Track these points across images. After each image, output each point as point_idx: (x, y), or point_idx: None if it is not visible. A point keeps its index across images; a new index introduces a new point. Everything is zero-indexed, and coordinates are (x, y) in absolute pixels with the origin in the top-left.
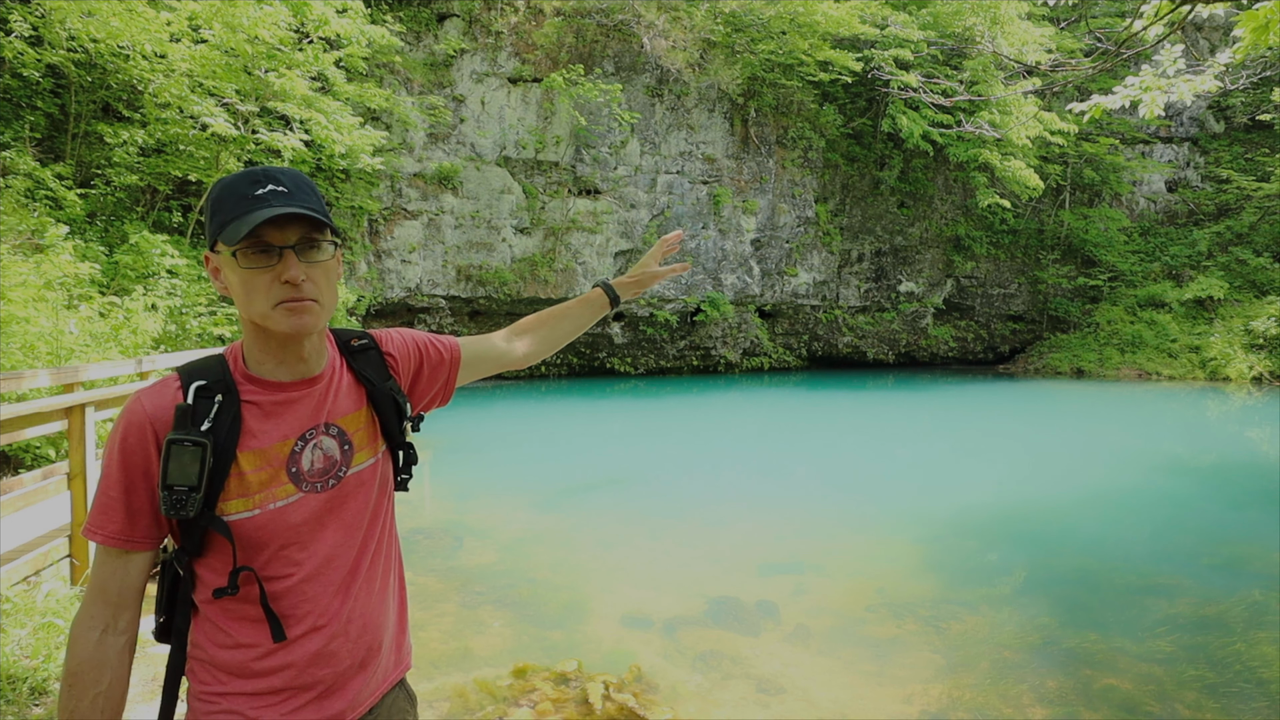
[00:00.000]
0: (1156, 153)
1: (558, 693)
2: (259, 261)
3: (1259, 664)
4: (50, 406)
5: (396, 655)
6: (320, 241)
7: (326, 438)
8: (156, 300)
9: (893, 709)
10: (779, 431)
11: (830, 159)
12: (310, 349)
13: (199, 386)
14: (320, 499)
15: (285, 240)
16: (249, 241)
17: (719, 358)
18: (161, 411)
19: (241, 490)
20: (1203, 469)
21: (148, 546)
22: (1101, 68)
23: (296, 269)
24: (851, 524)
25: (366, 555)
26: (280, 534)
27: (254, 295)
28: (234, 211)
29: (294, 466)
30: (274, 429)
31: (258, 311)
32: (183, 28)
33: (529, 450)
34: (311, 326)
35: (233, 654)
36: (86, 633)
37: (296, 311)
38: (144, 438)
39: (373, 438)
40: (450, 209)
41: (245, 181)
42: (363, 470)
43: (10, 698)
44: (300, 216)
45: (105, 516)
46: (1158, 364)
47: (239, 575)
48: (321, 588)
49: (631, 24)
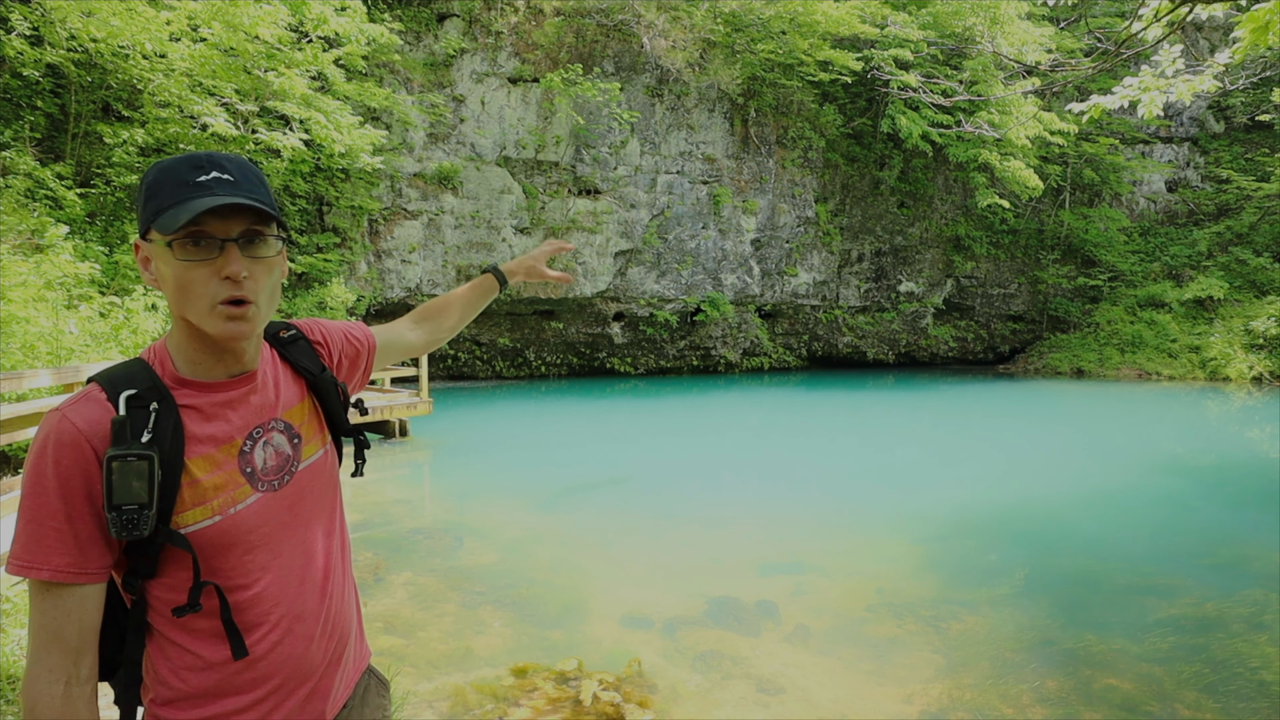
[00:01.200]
0: (1156, 153)
1: (558, 692)
2: (198, 254)
3: (1259, 664)
4: (50, 406)
5: (360, 644)
6: (266, 235)
7: (276, 434)
8: (156, 300)
9: (893, 709)
10: (779, 431)
11: (830, 159)
12: (250, 346)
13: (130, 396)
14: (278, 497)
15: (228, 232)
16: (188, 231)
17: (719, 358)
18: (95, 426)
19: (197, 498)
20: (1203, 469)
21: (103, 577)
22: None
23: (239, 264)
24: (851, 524)
25: (334, 550)
26: (243, 539)
27: (190, 292)
28: (173, 198)
29: (247, 466)
30: (219, 431)
31: (194, 311)
32: (182, 27)
33: (529, 450)
34: (248, 334)
35: (203, 676)
36: (49, 689)
37: (236, 318)
38: (81, 457)
39: (318, 429)
40: (450, 209)
41: (186, 166)
42: (314, 462)
43: (10, 698)
44: (246, 207)
45: (47, 550)
46: (1158, 364)
47: (201, 590)
48: (294, 589)
49: (631, 24)
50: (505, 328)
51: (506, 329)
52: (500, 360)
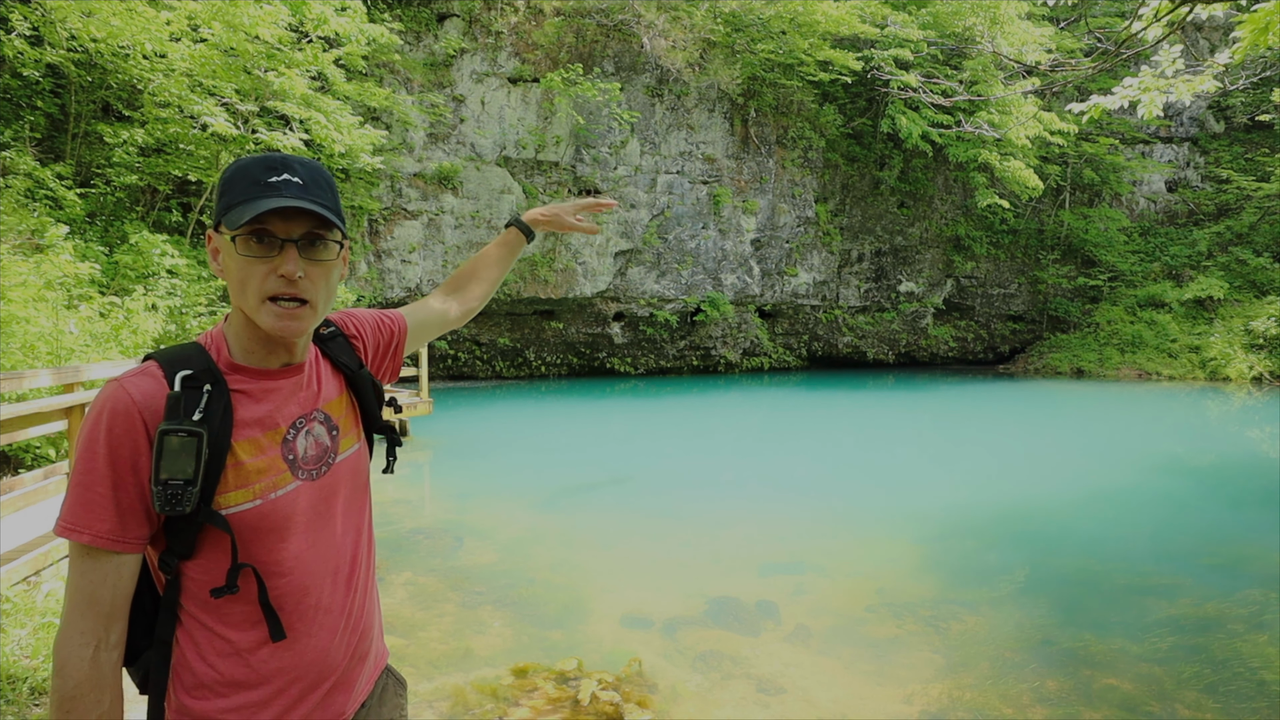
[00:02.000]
0: (1156, 153)
1: (559, 692)
2: (258, 251)
3: (1259, 664)
4: (50, 406)
5: (380, 643)
6: (326, 239)
7: (317, 424)
8: (156, 300)
9: (893, 709)
10: (779, 431)
11: (830, 159)
12: (301, 340)
13: (185, 376)
14: (315, 487)
15: (289, 233)
16: (251, 229)
17: (719, 358)
18: (149, 400)
19: (241, 480)
20: (1203, 469)
21: (139, 548)
22: (1101, 68)
23: (295, 264)
24: (851, 524)
25: (361, 547)
26: (280, 525)
27: (248, 285)
28: (243, 195)
29: (290, 454)
30: (266, 416)
31: (248, 303)
32: (182, 27)
33: (529, 450)
34: (299, 331)
35: (230, 663)
36: (79, 650)
37: (285, 316)
38: (132, 427)
39: (354, 423)
40: (450, 209)
41: (260, 166)
42: (349, 456)
43: (10, 698)
44: (309, 211)
45: (92, 514)
46: (1158, 364)
47: (239, 573)
48: (322, 581)
49: (631, 24)
50: (505, 328)
51: (506, 329)
52: (500, 360)
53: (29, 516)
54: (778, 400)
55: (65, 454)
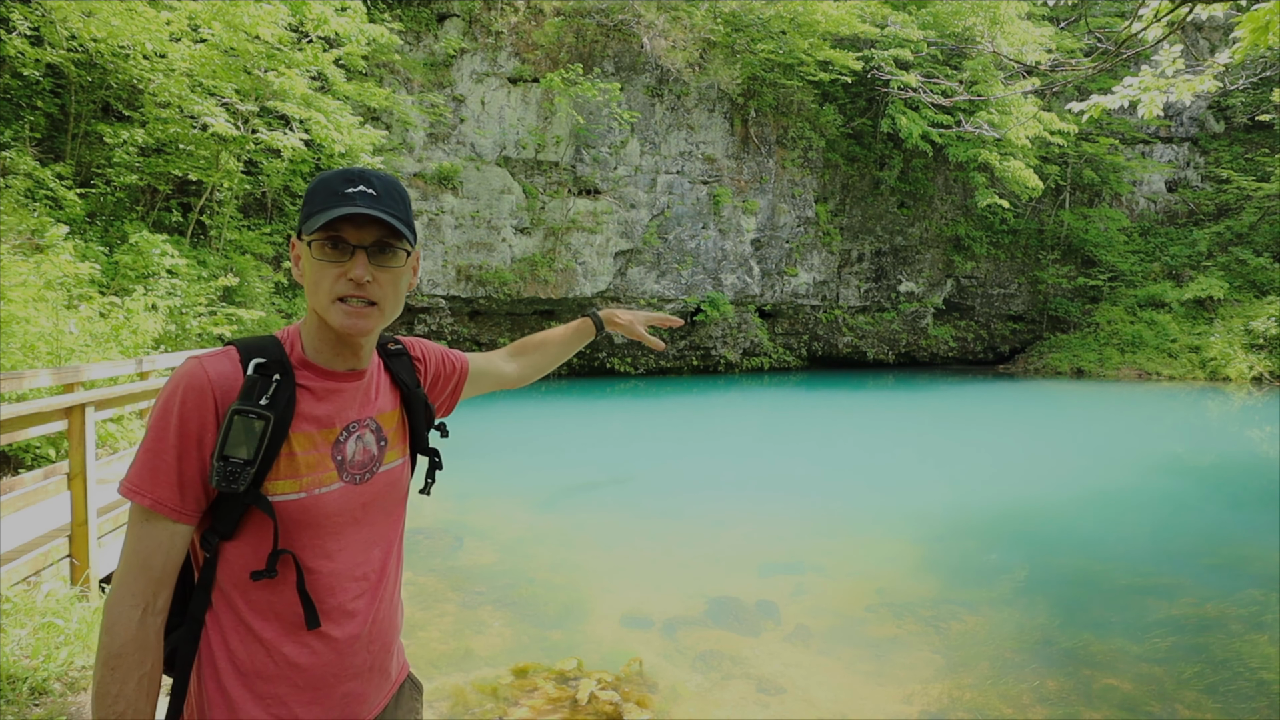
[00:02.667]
0: (1156, 153)
1: (559, 692)
2: (331, 255)
3: (1259, 664)
4: (50, 406)
5: (400, 657)
6: (395, 247)
7: (368, 432)
8: (156, 300)
9: (893, 709)
10: (779, 431)
11: (830, 159)
12: (366, 345)
13: (259, 363)
14: (357, 491)
15: (361, 240)
16: (325, 235)
17: (719, 358)
18: (223, 380)
19: (291, 471)
20: (1203, 469)
21: (193, 521)
22: (1101, 68)
23: (363, 269)
24: (851, 524)
25: (391, 557)
26: (319, 521)
27: (320, 286)
28: (321, 204)
29: (339, 455)
30: (324, 415)
31: (320, 303)
32: (182, 27)
33: (529, 450)
34: (366, 330)
35: (252, 649)
36: (129, 611)
37: (353, 315)
38: (203, 404)
39: (402, 439)
40: (450, 209)
41: (340, 179)
42: (392, 469)
43: (10, 698)
44: (379, 220)
45: (156, 481)
46: (1158, 364)
47: (279, 558)
48: (350, 585)
49: (631, 24)
50: (505, 328)
51: (506, 329)
52: None
53: (29, 516)
54: (778, 400)
55: (65, 454)
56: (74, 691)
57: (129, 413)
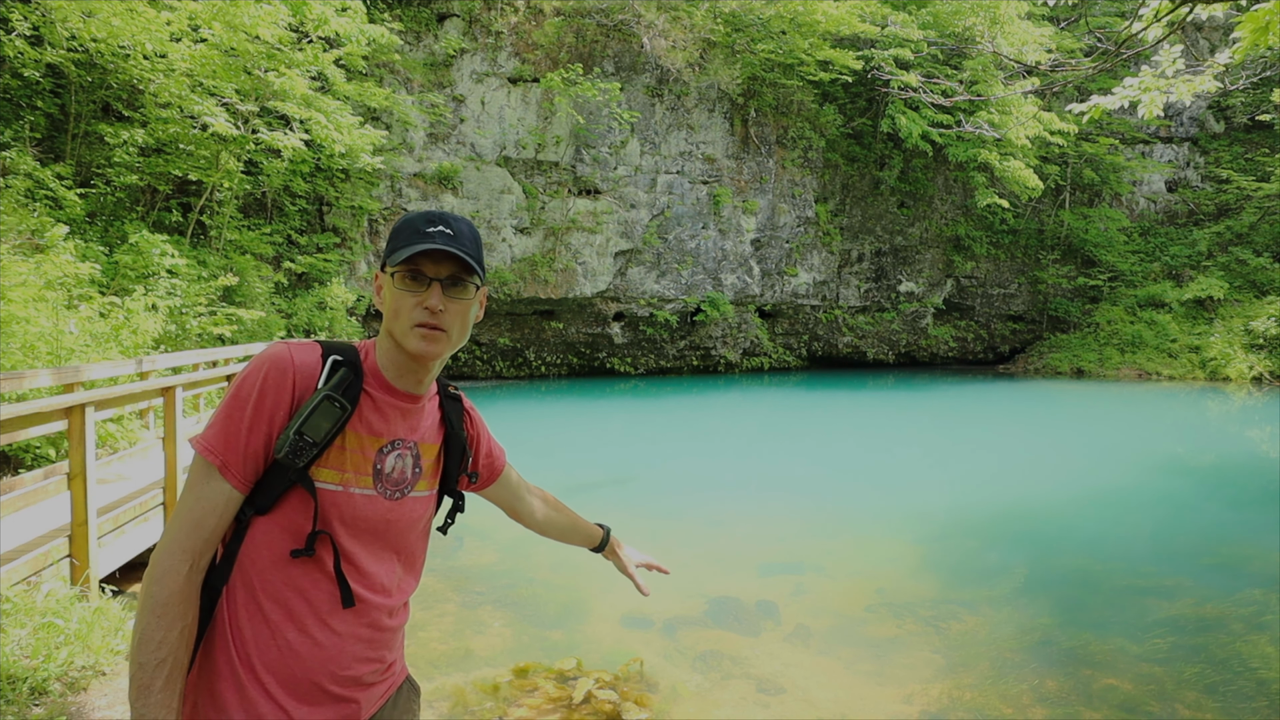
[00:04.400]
0: (1156, 153)
1: (559, 691)
2: (411, 286)
3: (1259, 664)
4: (50, 406)
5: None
6: (467, 282)
7: (409, 454)
8: (157, 300)
9: (893, 709)
10: (779, 431)
11: (830, 159)
12: (429, 372)
13: (336, 360)
14: (386, 505)
15: (438, 274)
16: (407, 268)
17: (719, 358)
18: (306, 367)
19: (338, 463)
20: (1203, 469)
21: (246, 489)
22: (1101, 68)
23: (438, 299)
24: (851, 524)
25: (404, 583)
26: (346, 517)
27: (399, 314)
28: (405, 241)
29: (379, 464)
30: (377, 424)
31: (398, 328)
32: (183, 27)
33: (529, 450)
34: (438, 353)
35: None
36: (179, 564)
37: (429, 339)
38: (284, 383)
39: (434, 474)
40: (450, 209)
41: (423, 219)
42: (419, 498)
43: (10, 698)
44: (454, 256)
45: (228, 443)
46: (1158, 364)
47: (317, 538)
48: (363, 592)
49: (631, 24)
50: (505, 328)
51: (506, 329)
52: (500, 360)
53: (29, 516)
54: (778, 400)
55: (65, 454)
56: (74, 691)
57: (129, 413)
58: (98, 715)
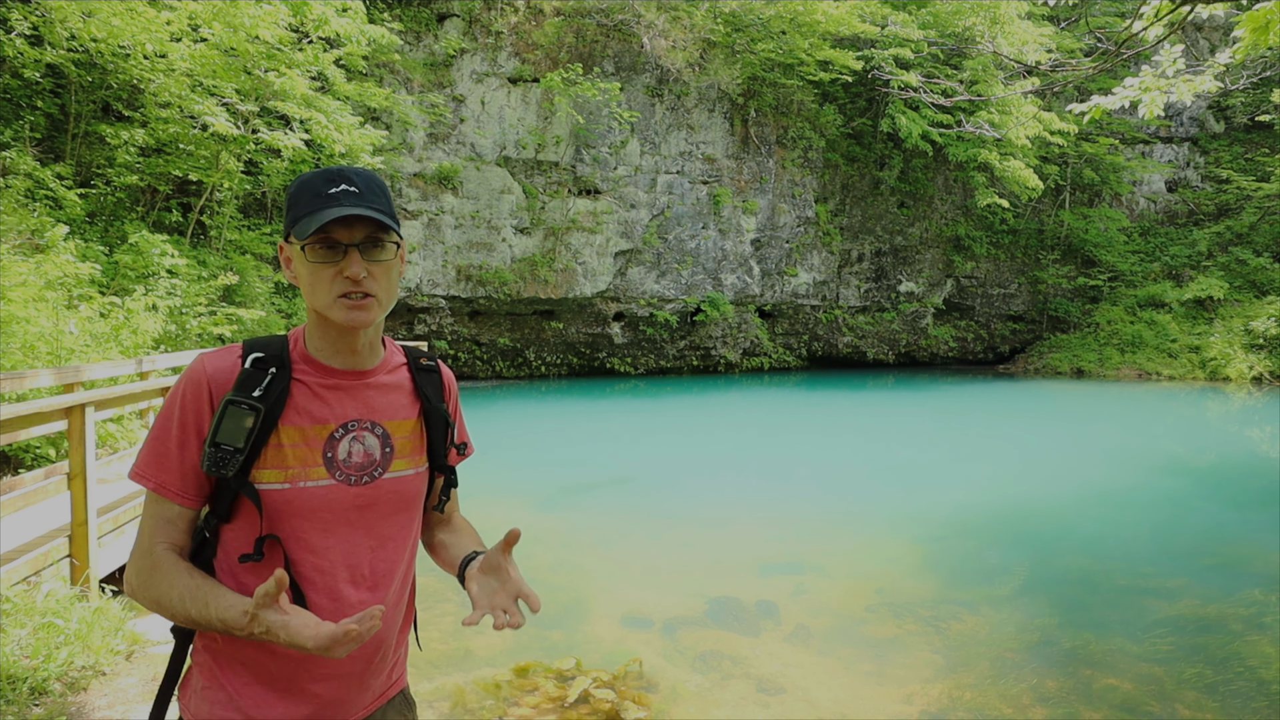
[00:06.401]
0: (1156, 153)
1: (559, 690)
2: (325, 257)
3: (1259, 664)
4: (50, 406)
5: (397, 670)
6: (384, 241)
7: (369, 435)
8: (157, 300)
9: (893, 709)
10: (779, 431)
11: (830, 159)
12: (364, 343)
13: (256, 358)
14: (352, 493)
15: (351, 238)
16: (317, 238)
17: (719, 358)
18: (221, 374)
19: (277, 461)
20: (1203, 469)
21: (195, 504)
22: (1101, 68)
23: (359, 266)
24: (851, 524)
25: (395, 570)
26: (303, 513)
27: (318, 287)
28: (307, 208)
29: (330, 451)
30: (318, 410)
31: (321, 303)
32: (183, 27)
33: (529, 450)
34: (369, 321)
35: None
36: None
37: (355, 307)
38: (200, 396)
39: (417, 450)
40: (450, 209)
41: (321, 179)
42: (401, 478)
43: (10, 698)
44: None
45: (158, 466)
46: (1158, 364)
47: (264, 543)
48: (339, 585)
49: (631, 24)
50: (505, 328)
51: (506, 329)
52: (500, 360)
53: (29, 516)
54: (778, 400)
55: (65, 454)
56: (74, 691)
57: (129, 413)
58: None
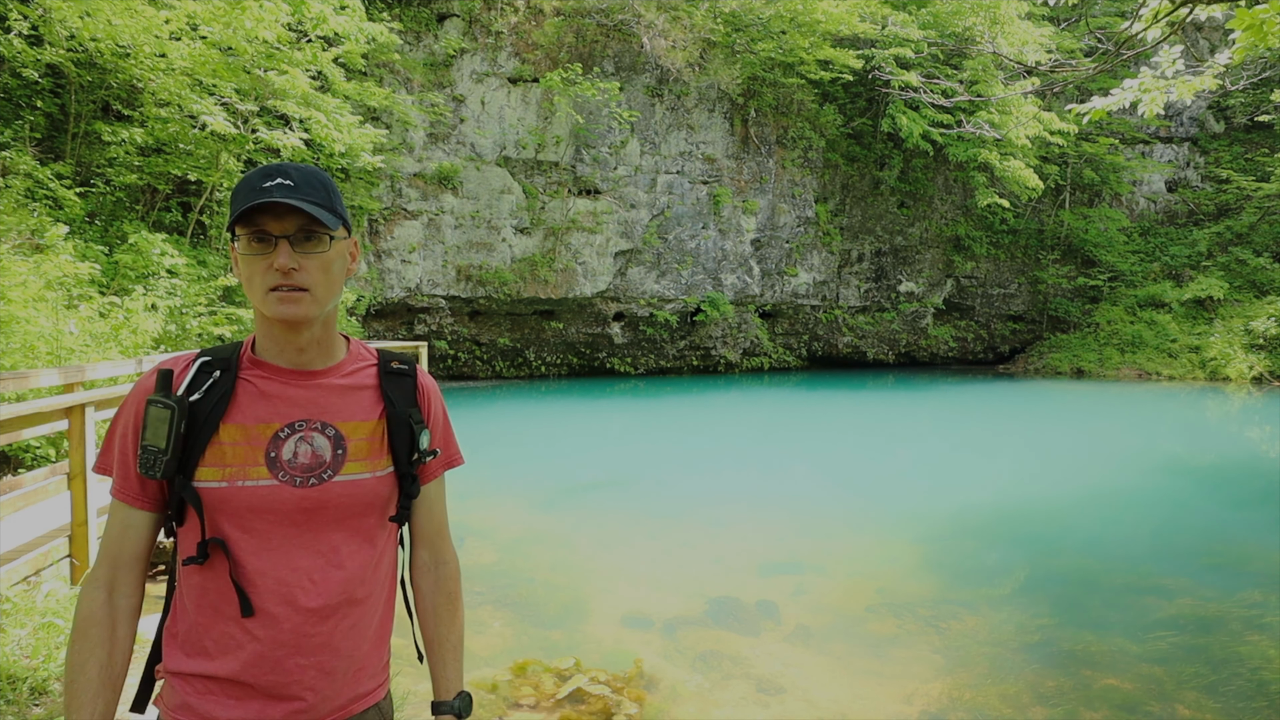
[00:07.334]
0: (1156, 153)
1: (558, 689)
2: (256, 249)
3: (1259, 664)
4: (50, 406)
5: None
6: (318, 233)
7: (319, 435)
8: (156, 300)
9: (893, 709)
10: (779, 431)
11: (830, 159)
12: (309, 341)
13: (203, 362)
14: (298, 494)
15: (283, 230)
16: (249, 230)
17: (719, 358)
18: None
19: (216, 460)
20: (1203, 469)
21: (148, 507)
22: (1101, 68)
23: (287, 258)
24: (851, 524)
25: (355, 576)
26: (241, 513)
27: (253, 281)
28: (243, 202)
29: (273, 451)
30: (262, 410)
31: (255, 297)
32: (182, 26)
33: (529, 450)
34: (302, 315)
35: (194, 629)
36: (93, 593)
37: (286, 300)
38: (138, 403)
39: (376, 453)
40: (450, 209)
41: (259, 175)
42: (357, 481)
43: (10, 698)
44: (296, 209)
45: (115, 466)
46: (1158, 364)
47: (208, 545)
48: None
49: (631, 24)
50: (505, 328)
51: (506, 329)
52: (500, 360)
53: (29, 516)
54: (778, 400)
55: (65, 454)
56: None
57: None
58: None
